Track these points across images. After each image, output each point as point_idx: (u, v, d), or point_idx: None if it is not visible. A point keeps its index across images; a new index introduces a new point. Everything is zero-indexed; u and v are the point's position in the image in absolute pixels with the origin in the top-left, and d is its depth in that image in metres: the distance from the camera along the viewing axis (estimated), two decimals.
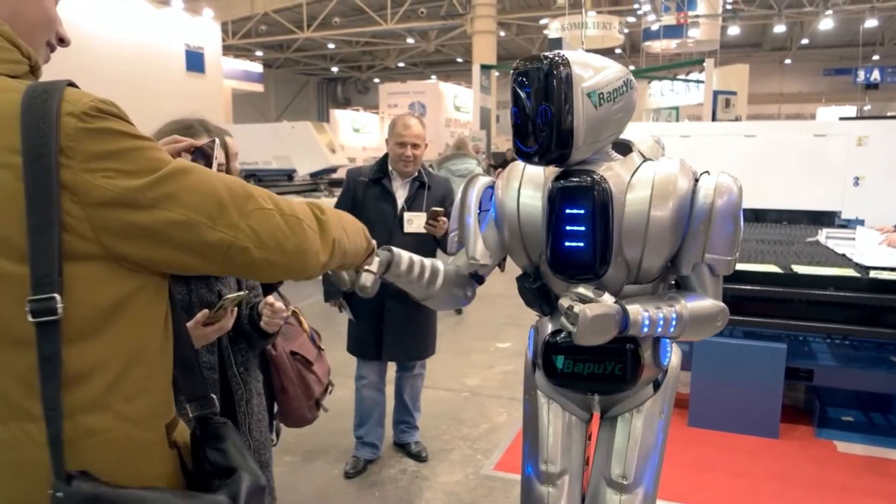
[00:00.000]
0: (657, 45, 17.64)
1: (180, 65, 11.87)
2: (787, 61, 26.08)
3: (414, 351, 3.17)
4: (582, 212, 1.51)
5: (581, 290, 1.50)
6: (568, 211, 1.53)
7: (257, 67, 19.62)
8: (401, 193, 3.04)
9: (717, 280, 1.61)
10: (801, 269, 3.46)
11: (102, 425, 0.85)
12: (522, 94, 1.48)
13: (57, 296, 0.78)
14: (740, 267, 3.57)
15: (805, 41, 23.32)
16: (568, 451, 1.76)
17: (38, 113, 0.78)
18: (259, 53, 23.39)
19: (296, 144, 9.29)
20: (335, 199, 3.27)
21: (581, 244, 1.53)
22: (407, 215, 2.99)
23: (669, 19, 15.52)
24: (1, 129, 0.78)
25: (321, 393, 2.41)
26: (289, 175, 8.64)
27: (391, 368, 3.32)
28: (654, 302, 1.53)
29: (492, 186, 1.77)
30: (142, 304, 0.89)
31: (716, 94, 12.91)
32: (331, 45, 23.78)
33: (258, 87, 19.38)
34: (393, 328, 3.03)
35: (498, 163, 11.08)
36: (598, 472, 1.75)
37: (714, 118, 11.82)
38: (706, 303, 1.57)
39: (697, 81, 14.89)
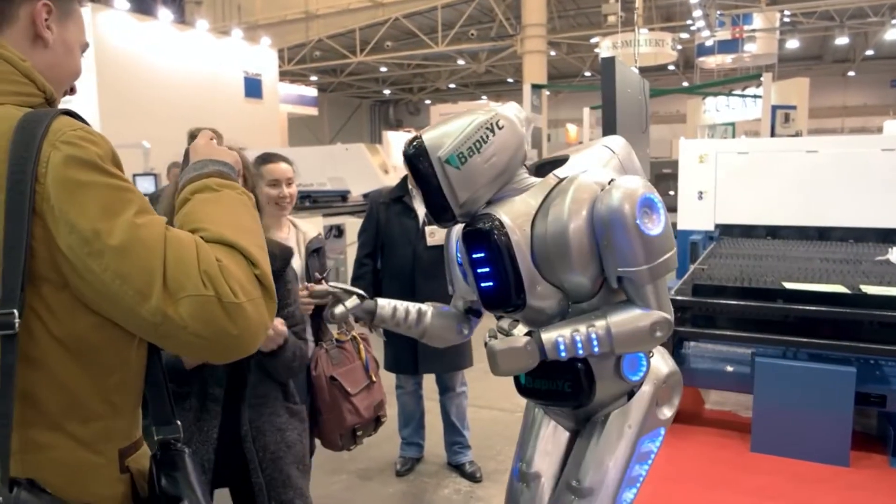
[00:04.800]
0: (712, 61, 17.34)
1: (239, 91, 12.33)
2: (851, 73, 25.18)
3: (450, 362, 3.20)
4: (483, 255, 1.59)
5: (501, 323, 1.64)
6: (473, 255, 1.62)
7: (312, 92, 20.19)
8: (421, 209, 3.15)
9: (655, 287, 1.55)
10: (870, 290, 3.32)
11: (51, 442, 0.90)
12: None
13: (16, 311, 0.83)
14: (803, 287, 3.46)
15: (870, 52, 22.49)
16: (547, 455, 1.82)
17: (24, 140, 0.85)
18: (313, 78, 24.04)
19: (349, 166, 9.48)
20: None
21: (491, 283, 1.61)
22: (428, 229, 3.13)
23: (724, 34, 15.24)
24: None
25: (360, 425, 2.40)
26: (343, 196, 8.82)
27: (429, 379, 3.39)
28: (572, 324, 1.56)
29: None
30: (106, 337, 0.92)
31: (774, 108, 12.56)
32: (383, 69, 24.26)
33: (313, 111, 19.92)
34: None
35: None
36: (563, 477, 1.79)
37: (773, 134, 11.49)
38: (634, 315, 1.54)
39: (754, 96, 14.52)
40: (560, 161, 1.70)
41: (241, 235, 0.93)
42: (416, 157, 1.56)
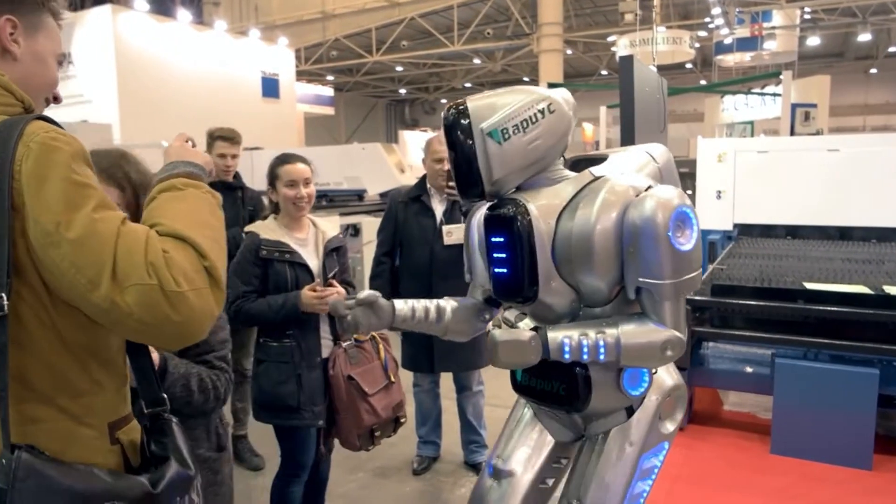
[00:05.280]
0: (730, 59, 17.18)
1: (257, 91, 12.40)
2: (873, 70, 24.81)
3: (466, 361, 3.19)
4: (502, 239, 1.55)
5: (507, 314, 1.59)
6: (492, 239, 1.58)
7: (328, 91, 20.28)
8: (439, 209, 3.17)
9: (672, 304, 1.49)
10: (893, 290, 3.27)
11: (45, 416, 0.99)
12: (444, 142, 1.58)
13: (3, 295, 0.92)
14: (824, 287, 3.42)
15: (893, 49, 22.15)
16: (526, 457, 1.76)
17: (1, 143, 0.94)
18: (330, 78, 24.13)
19: (366, 165, 9.50)
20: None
21: (505, 270, 1.57)
22: (446, 228, 3.14)
23: (743, 32, 15.09)
24: None
25: (378, 425, 2.39)
26: (359, 195, 8.85)
27: (446, 378, 3.41)
28: (582, 327, 1.50)
29: None
30: (84, 321, 0.99)
31: (794, 107, 12.42)
32: (399, 68, 24.30)
33: (329, 111, 20.01)
34: (443, 340, 3.09)
35: None
36: (563, 496, 1.74)
37: (792, 132, 11.37)
38: (647, 329, 1.49)
39: (774, 94, 14.37)
40: (598, 160, 1.66)
41: (194, 229, 1.00)
42: (457, 123, 1.51)
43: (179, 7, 12.86)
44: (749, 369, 3.53)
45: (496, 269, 1.59)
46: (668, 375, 1.71)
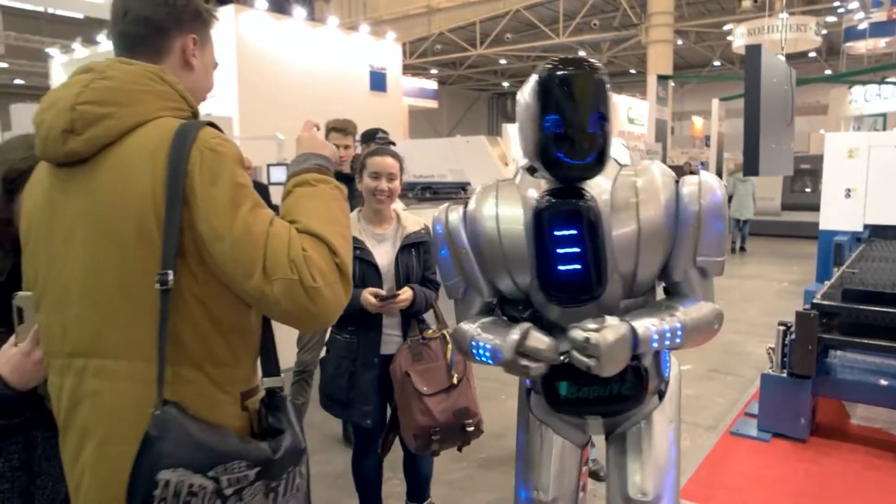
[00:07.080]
0: (861, 45, 15.88)
1: (365, 85, 12.74)
2: None
3: None
4: (574, 232, 1.41)
5: (586, 324, 1.41)
6: (558, 233, 1.42)
7: (432, 85, 20.56)
8: None
9: (708, 282, 1.56)
10: None
11: (195, 378, 1.13)
12: (569, 102, 1.38)
13: (170, 272, 1.06)
14: None
15: None
16: (560, 477, 1.73)
17: (179, 145, 1.09)
18: (434, 71, 24.44)
19: (470, 158, 9.55)
20: None
21: (578, 266, 1.43)
22: None
23: (879, 16, 13.90)
24: (160, 152, 1.09)
25: (436, 429, 2.29)
26: (462, 187, 8.93)
27: None
28: (656, 315, 1.47)
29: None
30: (231, 302, 1.13)
31: None
32: (502, 61, 24.25)
33: (432, 104, 20.28)
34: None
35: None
36: (615, 493, 1.66)
37: None
38: (702, 307, 1.53)
39: None
40: None
41: (327, 227, 1.15)
42: (600, 80, 1.40)
43: (294, 4, 13.41)
44: (883, 382, 3.27)
45: (563, 267, 1.43)
46: (671, 354, 1.75)
